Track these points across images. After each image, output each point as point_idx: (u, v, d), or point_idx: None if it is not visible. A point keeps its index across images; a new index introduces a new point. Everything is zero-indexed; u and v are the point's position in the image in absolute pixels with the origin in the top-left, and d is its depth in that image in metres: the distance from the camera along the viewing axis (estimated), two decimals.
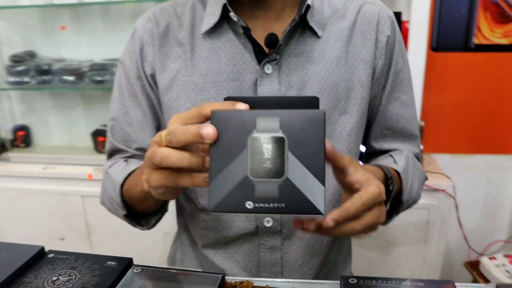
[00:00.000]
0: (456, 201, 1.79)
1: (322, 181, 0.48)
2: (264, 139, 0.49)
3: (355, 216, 0.56)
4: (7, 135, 2.21)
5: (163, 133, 0.53)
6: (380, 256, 1.80)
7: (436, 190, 1.70)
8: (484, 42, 1.88)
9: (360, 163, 0.72)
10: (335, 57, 0.79)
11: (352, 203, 0.56)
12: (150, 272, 0.71)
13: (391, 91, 0.85)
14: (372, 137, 0.90)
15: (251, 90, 0.78)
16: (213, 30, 0.79)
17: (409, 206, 0.86)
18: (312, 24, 0.78)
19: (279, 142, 0.49)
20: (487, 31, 1.87)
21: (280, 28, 0.79)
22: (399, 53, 0.84)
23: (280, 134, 0.49)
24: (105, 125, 2.15)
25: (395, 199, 0.82)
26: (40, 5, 1.99)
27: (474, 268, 1.62)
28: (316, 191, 0.48)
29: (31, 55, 2.09)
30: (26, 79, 2.02)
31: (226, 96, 0.53)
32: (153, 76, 0.83)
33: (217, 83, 0.79)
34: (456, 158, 2.01)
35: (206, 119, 0.52)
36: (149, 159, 0.54)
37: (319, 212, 0.48)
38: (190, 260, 0.95)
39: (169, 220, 1.87)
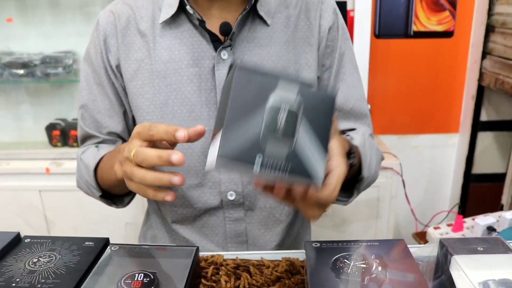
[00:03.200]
0: (403, 178, 1.92)
1: (325, 152, 0.52)
2: (283, 99, 0.51)
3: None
4: None
5: (131, 152, 0.61)
6: (336, 233, 1.91)
7: (385, 168, 1.82)
8: (422, 29, 2.02)
9: None
10: (284, 42, 0.86)
11: (323, 195, 0.58)
12: (128, 249, 0.75)
13: (337, 73, 0.92)
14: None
15: (210, 75, 0.85)
16: (172, 21, 0.85)
17: (368, 184, 0.91)
18: (261, 13, 0.85)
19: (295, 108, 0.51)
20: (424, 19, 2.00)
21: (233, 18, 0.85)
22: (341, 37, 0.91)
23: (298, 100, 0.51)
24: (58, 119, 2.12)
25: (355, 176, 0.87)
26: None
27: (421, 238, 1.75)
28: (318, 161, 0.52)
29: None
30: None
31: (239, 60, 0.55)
32: (118, 66, 0.87)
33: (178, 70, 0.85)
34: (402, 138, 2.15)
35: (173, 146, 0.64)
36: (128, 175, 0.63)
37: (318, 180, 0.51)
38: (162, 236, 1.00)
39: (130, 211, 1.89)
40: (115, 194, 0.90)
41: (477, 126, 2.06)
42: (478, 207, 2.15)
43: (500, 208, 1.99)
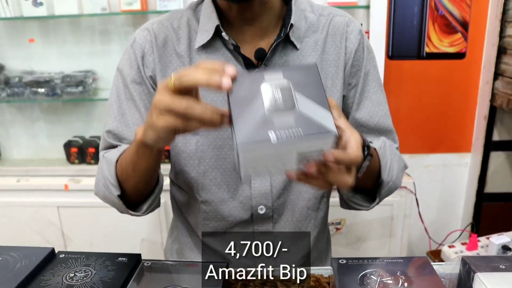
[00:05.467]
0: (416, 196, 1.94)
1: (328, 110, 0.57)
2: (273, 85, 0.58)
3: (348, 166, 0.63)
4: None
5: (168, 80, 0.59)
6: (350, 251, 1.92)
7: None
8: (434, 50, 2.06)
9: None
10: None
11: (349, 154, 0.61)
12: (160, 265, 0.78)
13: (362, 91, 0.95)
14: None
15: None
16: (208, 45, 0.89)
17: (390, 190, 0.92)
18: (293, 39, 0.88)
19: (286, 86, 0.58)
20: (437, 41, 2.04)
21: (265, 43, 0.89)
22: (367, 56, 0.94)
23: (285, 80, 0.58)
24: (76, 136, 2.17)
25: (376, 180, 0.89)
26: (9, 18, 1.99)
27: (436, 256, 1.76)
28: (325, 117, 0.56)
29: (1, 68, 2.08)
30: None
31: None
32: (153, 79, 0.90)
33: (214, 91, 0.88)
34: (413, 157, 2.17)
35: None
36: (165, 105, 0.59)
37: (331, 131, 0.55)
38: (190, 249, 1.02)
39: (146, 227, 1.92)
40: (131, 194, 0.88)
41: (490, 145, 2.08)
42: (491, 226, 2.15)
43: None
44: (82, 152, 2.10)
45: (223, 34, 0.86)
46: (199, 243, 1.00)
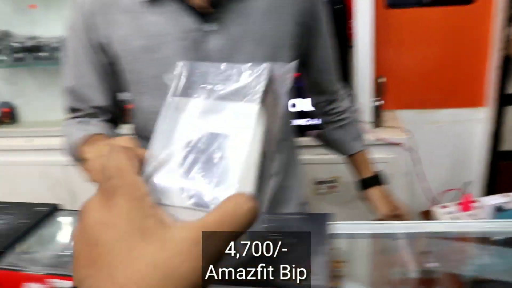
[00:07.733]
0: (419, 155, 1.85)
1: None
2: None
3: None
4: None
5: None
6: (345, 210, 1.88)
7: (393, 144, 1.76)
8: None
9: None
10: (266, 10, 0.89)
11: None
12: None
13: (319, 39, 1.01)
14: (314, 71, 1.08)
15: (198, 46, 0.88)
16: None
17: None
18: None
19: None
20: None
21: None
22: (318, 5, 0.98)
23: None
24: None
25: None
26: None
27: (426, 216, 1.68)
28: None
29: (6, 34, 2.16)
30: (4, 57, 2.11)
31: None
32: (104, 44, 0.91)
33: (166, 43, 0.88)
34: (421, 113, 2.05)
35: None
36: None
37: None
38: None
39: None
40: None
41: (503, 99, 1.92)
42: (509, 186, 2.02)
43: None
44: None
45: None
46: None
